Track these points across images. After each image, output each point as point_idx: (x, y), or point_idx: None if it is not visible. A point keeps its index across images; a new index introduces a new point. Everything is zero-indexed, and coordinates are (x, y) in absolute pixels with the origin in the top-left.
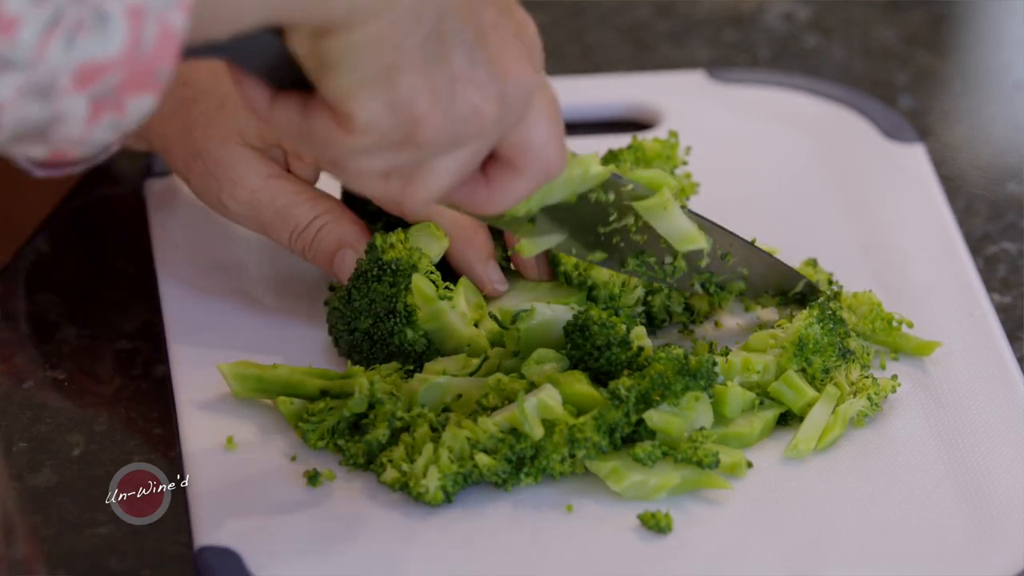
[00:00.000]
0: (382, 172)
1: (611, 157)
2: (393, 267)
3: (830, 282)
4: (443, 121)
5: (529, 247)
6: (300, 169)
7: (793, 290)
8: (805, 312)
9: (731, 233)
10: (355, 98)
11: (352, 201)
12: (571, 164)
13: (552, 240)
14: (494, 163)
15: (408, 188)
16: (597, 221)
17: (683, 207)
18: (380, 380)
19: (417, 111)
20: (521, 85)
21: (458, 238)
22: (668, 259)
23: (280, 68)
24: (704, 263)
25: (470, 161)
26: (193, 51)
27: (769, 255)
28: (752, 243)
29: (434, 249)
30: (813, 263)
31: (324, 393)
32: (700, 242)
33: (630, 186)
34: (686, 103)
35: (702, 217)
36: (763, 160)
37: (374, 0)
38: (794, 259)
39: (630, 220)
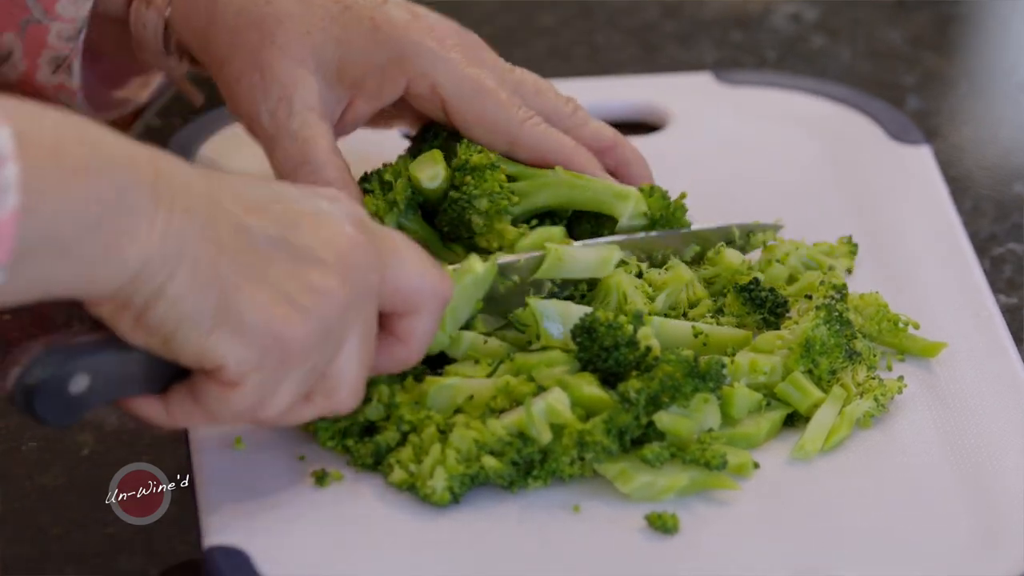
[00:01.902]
0: (297, 398)
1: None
2: None
3: (841, 288)
4: (304, 321)
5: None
6: (356, 112)
7: (731, 238)
8: (812, 314)
9: (655, 236)
10: (211, 349)
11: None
12: (458, 276)
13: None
14: (390, 319)
15: (333, 398)
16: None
17: (578, 243)
18: (399, 389)
19: (275, 327)
20: (353, 248)
21: None
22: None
23: (152, 373)
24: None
25: (366, 336)
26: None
27: (689, 229)
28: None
29: (435, 173)
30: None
31: None
32: (615, 254)
33: (520, 261)
34: (693, 104)
35: (603, 240)
36: (769, 161)
37: (161, 253)
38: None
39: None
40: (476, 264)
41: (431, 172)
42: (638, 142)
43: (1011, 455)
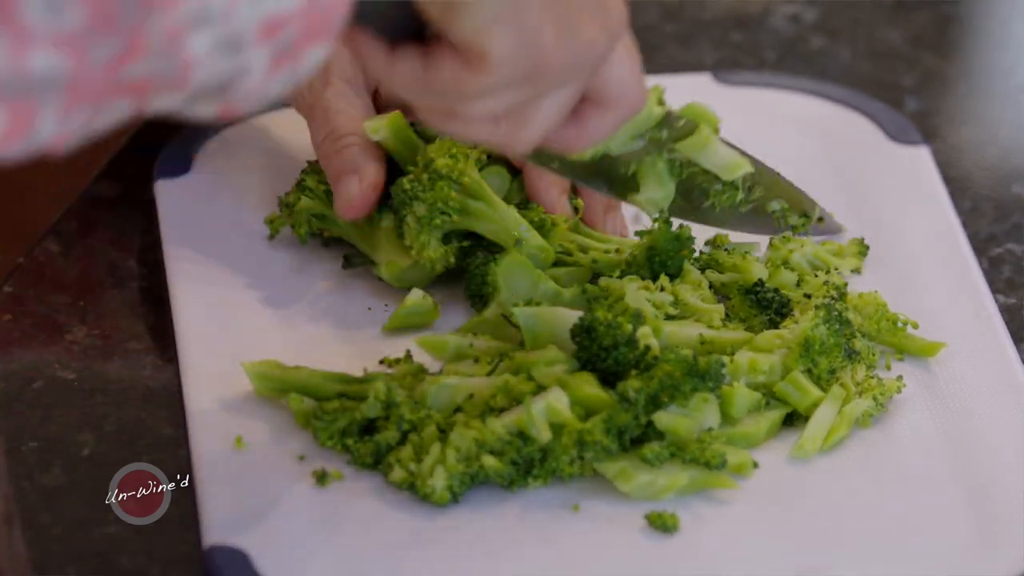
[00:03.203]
0: (495, 115)
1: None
2: None
3: (841, 287)
4: (566, 53)
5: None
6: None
7: (813, 213)
8: (811, 313)
9: (760, 163)
10: (487, 36)
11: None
12: None
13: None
14: (582, 102)
15: (518, 129)
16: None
17: (720, 138)
18: (396, 386)
19: (544, 45)
20: (619, 16)
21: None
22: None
23: (394, 22)
24: (739, 196)
25: (574, 97)
26: None
27: (790, 183)
28: (776, 173)
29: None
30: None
31: (341, 396)
32: (745, 166)
33: (681, 122)
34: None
35: (733, 145)
36: (769, 162)
37: None
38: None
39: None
40: (653, 108)
41: (375, 124)
42: None
43: (1010, 455)
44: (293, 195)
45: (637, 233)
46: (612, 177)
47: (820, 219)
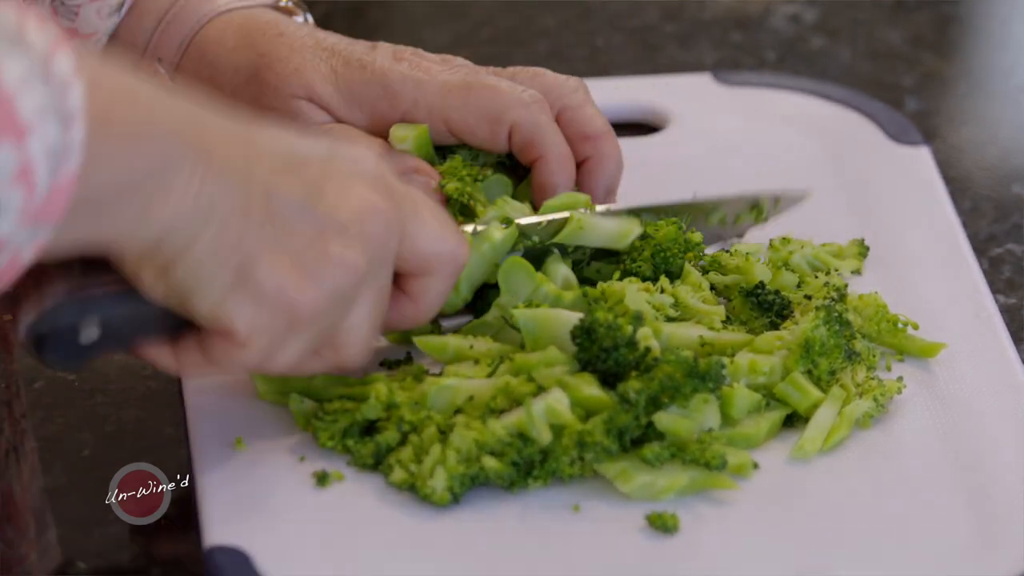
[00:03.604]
0: (304, 355)
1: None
2: None
3: (841, 288)
4: (318, 291)
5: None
6: None
7: (764, 203)
8: (811, 314)
9: (674, 204)
10: (225, 312)
11: None
12: (477, 242)
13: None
14: (404, 277)
15: (341, 353)
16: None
17: (601, 212)
18: (397, 387)
19: (288, 295)
20: (376, 216)
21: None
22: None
23: (163, 321)
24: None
25: (376, 298)
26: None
27: (711, 199)
28: (693, 199)
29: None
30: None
31: (341, 397)
32: (635, 229)
33: (543, 223)
34: (693, 105)
35: (625, 207)
36: (769, 162)
37: (192, 215)
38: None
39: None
40: (495, 232)
41: (403, 133)
42: (638, 143)
43: (1010, 455)
44: None
45: (648, 227)
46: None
47: (776, 200)
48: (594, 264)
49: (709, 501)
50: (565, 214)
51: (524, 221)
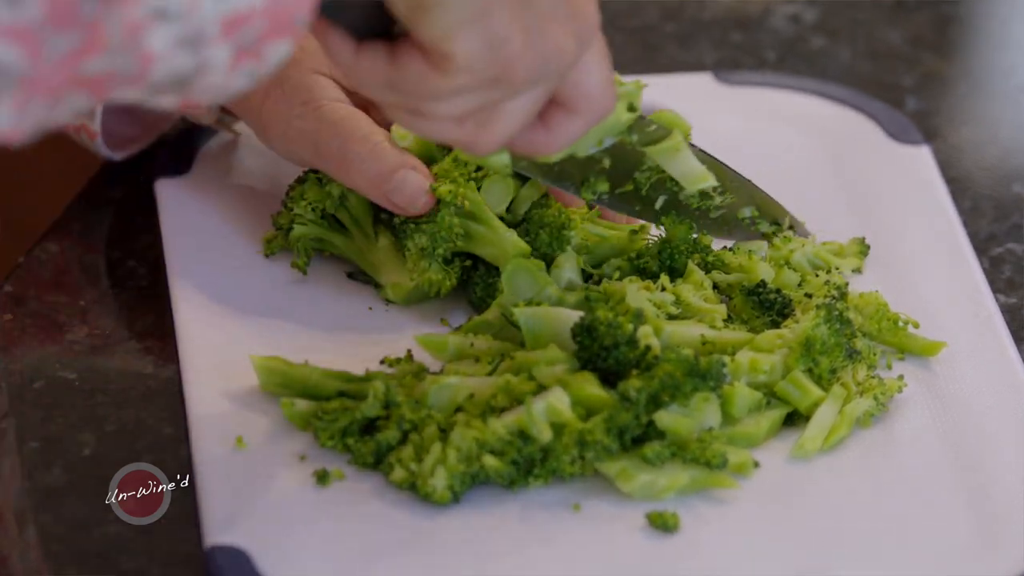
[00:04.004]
0: (460, 116)
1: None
2: None
3: (842, 286)
4: (534, 58)
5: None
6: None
7: (784, 222)
8: (812, 313)
9: (731, 170)
10: (454, 38)
11: None
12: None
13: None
14: (551, 107)
15: (482, 131)
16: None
17: (691, 147)
18: (396, 385)
19: (511, 50)
20: (592, 25)
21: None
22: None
23: (363, 19)
24: (715, 201)
25: (540, 101)
26: None
27: (762, 191)
28: (748, 180)
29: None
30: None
31: (341, 394)
32: (709, 179)
33: (653, 127)
34: (693, 105)
35: (705, 153)
36: (769, 162)
37: None
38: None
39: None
40: (623, 113)
41: (404, 131)
42: None
43: (1011, 454)
44: (284, 217)
45: (660, 222)
46: (578, 177)
47: (791, 227)
48: (613, 262)
49: (710, 500)
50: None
51: (642, 115)
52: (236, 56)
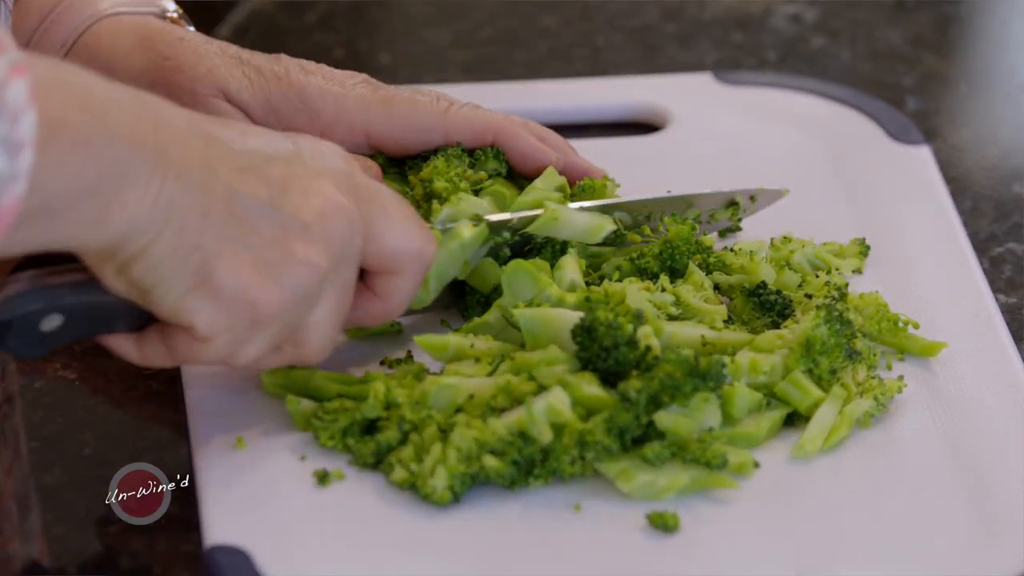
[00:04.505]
0: (266, 352)
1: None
2: None
3: (842, 287)
4: (279, 290)
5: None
6: None
7: (741, 200)
8: (812, 313)
9: (650, 200)
10: (185, 310)
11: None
12: (447, 239)
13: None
14: (371, 275)
15: (300, 349)
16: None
17: (575, 207)
18: (396, 386)
19: (249, 294)
20: (339, 215)
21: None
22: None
23: (130, 316)
24: (624, 237)
25: (342, 297)
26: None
27: (686, 196)
28: (668, 194)
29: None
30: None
31: (341, 396)
32: (607, 226)
33: (513, 220)
34: (693, 105)
35: (601, 203)
36: (769, 162)
37: (149, 218)
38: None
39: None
40: (464, 230)
41: None
42: (638, 142)
43: (1010, 455)
44: None
45: (662, 219)
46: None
47: (752, 198)
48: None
49: (710, 500)
50: (537, 211)
51: (494, 218)
52: None
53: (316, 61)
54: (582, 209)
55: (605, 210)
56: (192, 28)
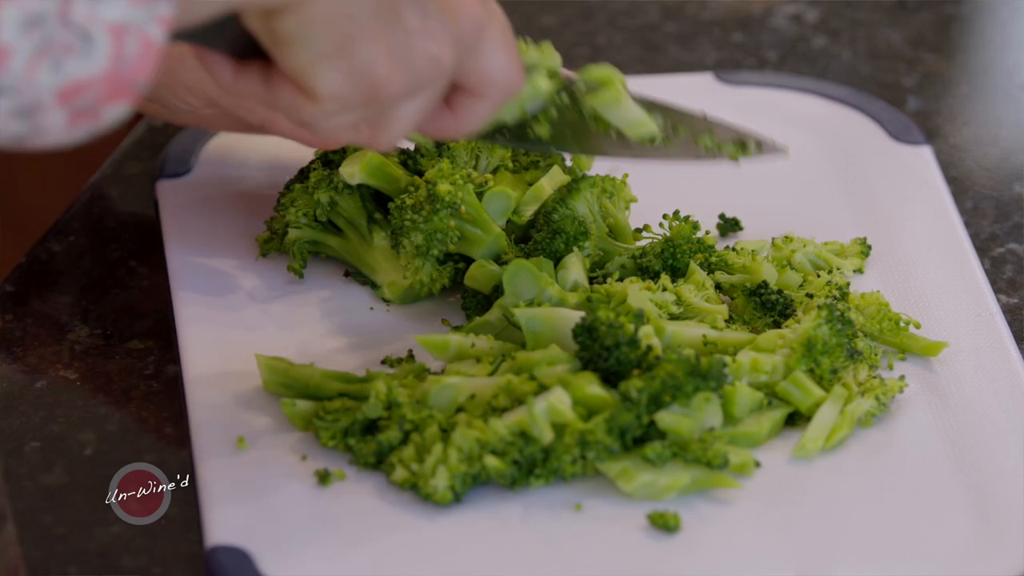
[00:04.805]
0: (349, 126)
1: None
2: None
3: (843, 287)
4: (403, 77)
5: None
6: None
7: (750, 142)
8: (814, 313)
9: (682, 109)
10: (314, 73)
11: None
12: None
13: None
14: (456, 92)
15: (376, 134)
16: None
17: (632, 95)
18: (397, 385)
19: (377, 75)
20: (473, 23)
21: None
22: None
23: (241, 43)
24: (657, 140)
25: (433, 100)
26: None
27: (716, 121)
28: (703, 115)
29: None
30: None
31: (342, 396)
32: (650, 127)
33: (582, 84)
34: (694, 105)
35: (646, 100)
36: (771, 161)
37: None
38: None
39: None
40: (541, 81)
41: (350, 170)
42: None
43: (1011, 455)
44: (278, 222)
45: (664, 217)
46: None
47: (758, 144)
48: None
49: (711, 500)
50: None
51: (567, 75)
52: (72, 119)
53: None
54: (637, 99)
55: (649, 109)
56: None
